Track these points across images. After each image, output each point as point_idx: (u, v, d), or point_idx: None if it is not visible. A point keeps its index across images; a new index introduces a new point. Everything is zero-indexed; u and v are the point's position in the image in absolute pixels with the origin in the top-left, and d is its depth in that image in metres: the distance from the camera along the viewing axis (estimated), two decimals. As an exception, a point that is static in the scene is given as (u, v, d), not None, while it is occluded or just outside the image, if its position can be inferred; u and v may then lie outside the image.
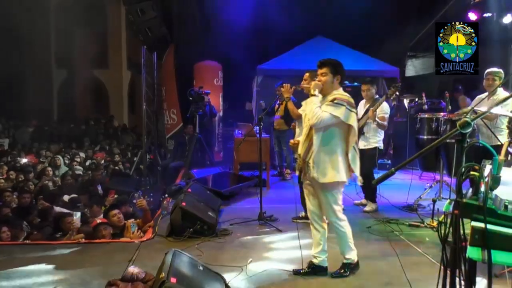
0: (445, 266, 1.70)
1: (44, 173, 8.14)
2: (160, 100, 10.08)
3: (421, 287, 3.18)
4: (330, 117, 3.25)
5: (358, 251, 4.14)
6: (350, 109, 3.30)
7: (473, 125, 1.65)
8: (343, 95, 3.35)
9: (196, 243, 4.32)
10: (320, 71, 3.41)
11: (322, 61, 3.45)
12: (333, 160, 3.32)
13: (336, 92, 3.37)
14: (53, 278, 3.54)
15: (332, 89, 3.39)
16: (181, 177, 7.34)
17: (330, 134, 3.33)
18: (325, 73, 3.38)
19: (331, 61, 3.43)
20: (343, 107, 3.26)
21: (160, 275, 2.68)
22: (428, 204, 5.48)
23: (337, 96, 3.32)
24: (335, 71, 3.39)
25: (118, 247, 4.31)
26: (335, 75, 3.38)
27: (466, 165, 1.54)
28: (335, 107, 3.26)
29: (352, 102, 3.36)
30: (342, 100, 3.29)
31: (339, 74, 3.41)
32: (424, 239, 4.43)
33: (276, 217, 5.13)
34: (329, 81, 3.37)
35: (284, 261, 3.87)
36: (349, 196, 6.06)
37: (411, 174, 6.12)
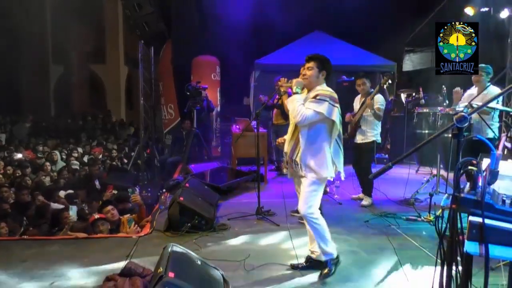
0: (442, 259, 1.71)
1: (41, 169, 8.13)
2: (157, 95, 10.07)
3: (418, 281, 3.20)
4: (313, 113, 3.23)
5: (355, 245, 4.18)
6: (334, 104, 3.28)
7: (469, 119, 1.65)
8: (325, 90, 3.33)
9: (194, 238, 4.33)
10: (306, 65, 3.39)
11: (310, 56, 3.43)
12: (320, 157, 3.31)
13: (320, 88, 3.35)
14: (51, 274, 3.53)
15: (317, 84, 3.37)
16: (179, 172, 7.34)
17: (316, 130, 3.32)
18: (311, 67, 3.36)
19: (319, 56, 3.41)
20: (326, 103, 3.24)
21: (158, 269, 2.68)
22: (425, 199, 5.50)
23: (319, 92, 3.30)
24: (322, 66, 3.37)
25: (116, 242, 4.31)
26: (321, 70, 3.37)
27: (463, 159, 1.55)
28: (318, 103, 3.24)
29: (335, 97, 3.33)
30: (324, 96, 3.27)
31: (325, 70, 3.39)
32: (421, 233, 4.45)
33: (274, 212, 5.14)
34: (314, 75, 3.36)
35: (282, 256, 3.88)
36: (346, 191, 6.08)
37: (408, 168, 6.14)
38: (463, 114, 1.61)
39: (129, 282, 2.92)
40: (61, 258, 3.90)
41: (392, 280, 3.37)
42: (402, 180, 5.95)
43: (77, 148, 10.32)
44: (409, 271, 3.38)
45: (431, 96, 7.87)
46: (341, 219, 4.98)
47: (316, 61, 3.37)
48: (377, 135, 5.49)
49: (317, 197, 3.39)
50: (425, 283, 3.21)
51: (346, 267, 3.66)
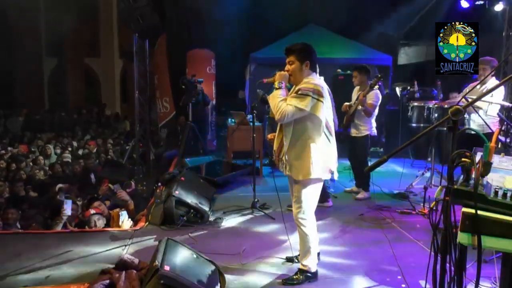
0: (436, 252, 1.72)
1: (35, 162, 8.08)
2: (152, 88, 9.99)
3: (412, 273, 3.23)
4: (295, 110, 2.98)
5: (350, 238, 4.20)
6: (317, 98, 3.01)
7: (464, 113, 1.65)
8: (309, 83, 3.05)
9: (190, 231, 4.34)
10: (287, 59, 3.15)
11: (288, 47, 3.16)
12: (305, 156, 3.08)
13: (305, 80, 3.08)
14: (46, 267, 3.53)
15: (302, 76, 3.11)
16: (175, 166, 7.32)
17: (301, 127, 3.09)
18: (292, 61, 3.11)
19: (297, 46, 3.13)
20: (308, 98, 2.98)
21: (154, 263, 2.68)
22: (419, 192, 5.53)
23: (302, 86, 3.05)
24: (302, 57, 3.09)
25: (111, 236, 4.31)
26: (303, 61, 3.09)
27: (457, 152, 1.56)
28: (300, 99, 2.99)
29: (319, 89, 3.03)
30: (307, 89, 3.00)
31: (308, 60, 3.10)
32: (416, 226, 4.48)
33: (269, 205, 5.15)
34: (296, 69, 3.11)
35: (277, 249, 3.90)
36: (342, 184, 6.10)
37: (403, 162, 6.17)
38: (458, 107, 1.62)
39: (124, 275, 2.92)
40: (57, 251, 3.89)
41: (386, 273, 3.39)
42: (397, 173, 5.98)
43: (72, 142, 10.27)
44: (403, 264, 3.41)
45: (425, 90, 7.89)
46: (336, 212, 5.00)
47: (295, 53, 3.11)
48: (371, 128, 5.49)
49: (310, 200, 3.18)
50: (419, 275, 3.24)
51: (341, 260, 3.69)
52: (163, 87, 9.94)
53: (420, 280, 3.16)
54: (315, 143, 3.10)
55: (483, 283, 2.89)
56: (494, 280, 2.84)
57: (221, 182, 6.18)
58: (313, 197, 3.20)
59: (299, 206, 3.18)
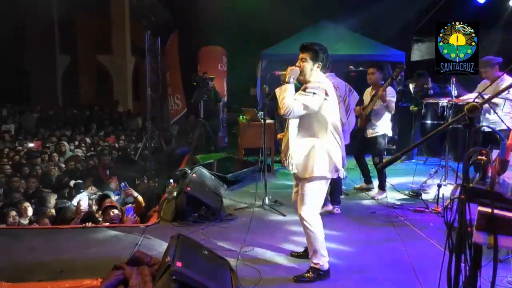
0: (451, 250, 1.70)
1: (50, 159, 8.19)
2: (164, 85, 10.05)
3: (425, 272, 3.19)
4: (300, 106, 2.99)
5: (362, 236, 4.18)
6: (324, 96, 3.04)
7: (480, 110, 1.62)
8: (316, 82, 3.08)
9: (201, 227, 4.35)
10: (301, 56, 3.16)
11: (304, 45, 3.17)
12: (310, 154, 3.08)
13: (313, 80, 3.11)
14: (60, 262, 3.58)
15: (312, 76, 3.13)
16: (186, 162, 7.36)
17: (307, 126, 3.10)
18: (305, 59, 3.13)
19: (314, 46, 3.15)
20: (315, 95, 3.01)
21: (166, 259, 2.70)
22: (432, 189, 5.46)
23: (308, 84, 3.08)
24: (316, 57, 3.11)
25: (123, 232, 4.34)
26: (315, 62, 3.11)
27: (472, 149, 1.53)
28: (306, 96, 3.01)
29: (326, 88, 3.07)
30: (313, 87, 3.03)
31: (320, 61, 3.13)
32: (429, 224, 4.43)
33: (280, 202, 5.14)
34: (308, 67, 3.12)
35: (290, 246, 3.89)
36: (353, 181, 6.06)
37: (416, 159, 6.10)
38: (474, 104, 1.59)
39: (136, 270, 2.94)
40: (70, 246, 3.95)
41: (399, 272, 3.36)
42: (410, 171, 5.91)
43: (85, 138, 10.38)
44: (417, 263, 3.37)
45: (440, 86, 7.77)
46: (347, 210, 4.97)
47: (311, 52, 3.13)
48: (388, 128, 5.42)
49: (315, 199, 3.17)
50: (432, 274, 3.20)
51: (353, 258, 3.67)
52: (175, 84, 9.99)
53: (434, 279, 3.12)
54: (320, 142, 3.10)
55: (498, 283, 2.84)
56: (509, 281, 2.79)
57: (233, 179, 6.19)
58: (318, 195, 3.20)
59: (304, 204, 3.18)
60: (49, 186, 6.64)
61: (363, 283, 3.24)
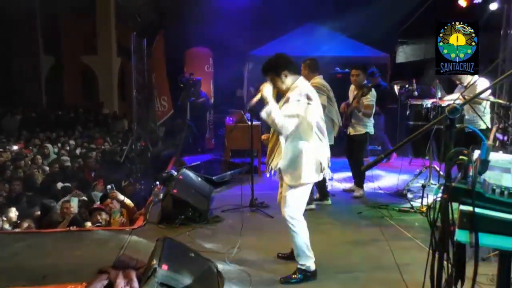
0: (434, 250, 1.72)
1: (33, 162, 8.07)
2: (150, 87, 9.98)
3: (410, 271, 3.22)
4: (293, 119, 3.03)
5: (349, 236, 4.21)
6: (307, 101, 3.07)
7: (461, 111, 1.65)
8: (296, 89, 3.11)
9: (188, 230, 4.33)
10: (267, 79, 3.23)
11: (262, 69, 3.26)
12: (298, 162, 3.11)
13: (293, 86, 3.15)
14: (43, 267, 3.52)
15: (287, 86, 3.17)
16: (173, 164, 7.32)
17: (294, 131, 3.10)
18: (271, 78, 3.19)
19: (269, 64, 3.23)
20: (299, 102, 3.04)
21: (152, 262, 2.68)
22: (417, 190, 5.53)
23: (290, 93, 3.10)
24: (278, 71, 3.16)
25: (109, 235, 4.30)
26: (280, 74, 3.15)
27: (454, 150, 1.56)
28: (292, 106, 3.04)
29: (307, 92, 3.10)
30: (295, 96, 3.06)
31: (284, 69, 3.15)
32: (414, 224, 4.48)
33: (267, 204, 5.14)
34: (279, 82, 3.17)
35: (277, 248, 3.89)
36: (340, 182, 6.10)
37: (401, 160, 6.17)
38: (454, 106, 1.61)
39: (122, 274, 2.91)
40: (54, 251, 3.89)
41: (385, 271, 3.39)
42: (395, 172, 5.98)
43: (69, 140, 10.25)
44: (402, 262, 3.41)
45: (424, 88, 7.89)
46: (334, 211, 5.00)
47: (270, 71, 3.20)
48: (369, 127, 5.49)
49: (299, 201, 3.20)
50: (418, 273, 3.23)
51: (340, 259, 3.69)
52: (161, 85, 9.91)
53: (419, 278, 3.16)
54: (307, 147, 3.12)
55: (480, 280, 2.89)
56: (492, 278, 2.84)
57: (219, 181, 6.18)
58: (302, 197, 3.23)
59: (287, 206, 3.19)
60: (33, 190, 6.53)
61: (350, 283, 3.26)
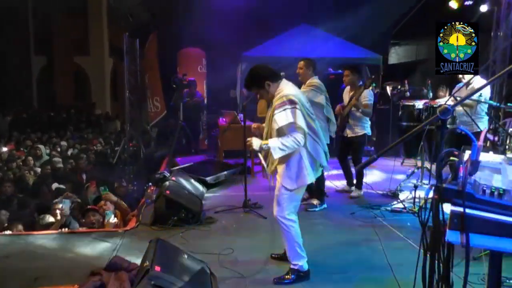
0: (425, 250, 1.74)
1: (25, 163, 7.99)
2: (143, 87, 9.94)
3: (402, 271, 3.24)
4: (289, 128, 3.03)
5: (342, 236, 4.22)
6: (293, 106, 3.07)
7: (452, 112, 1.67)
8: (280, 98, 3.12)
9: (181, 231, 4.32)
10: (254, 92, 3.32)
11: (245, 86, 3.37)
12: (292, 167, 3.13)
13: (277, 94, 3.17)
14: (35, 269, 3.49)
15: (273, 93, 3.20)
16: (165, 166, 7.29)
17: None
18: (256, 91, 3.27)
19: (251, 79, 3.26)
20: (285, 111, 3.05)
21: (144, 263, 2.66)
22: (410, 190, 5.57)
23: (276, 104, 3.11)
24: (260, 83, 3.20)
25: (102, 237, 4.27)
26: (263, 85, 3.19)
27: (445, 150, 1.57)
28: (281, 114, 3.04)
29: (291, 98, 3.09)
30: (281, 105, 3.07)
31: (266, 80, 3.19)
32: (406, 224, 4.51)
33: (261, 204, 5.14)
34: (264, 93, 3.23)
35: (270, 248, 3.89)
36: (333, 183, 6.12)
37: (394, 160, 6.20)
38: (446, 107, 1.63)
39: (114, 276, 2.90)
40: (46, 253, 3.86)
41: (378, 271, 3.41)
42: (388, 172, 6.01)
43: (61, 142, 10.17)
44: (394, 262, 3.43)
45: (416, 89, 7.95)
46: (327, 211, 5.02)
47: (254, 85, 3.25)
48: (367, 127, 5.51)
49: (291, 201, 3.21)
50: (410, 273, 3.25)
51: (333, 259, 3.70)
52: (154, 86, 9.89)
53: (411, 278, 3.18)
54: (302, 152, 3.13)
55: (472, 280, 2.92)
56: (483, 278, 2.87)
57: (213, 182, 6.17)
58: (295, 198, 3.24)
59: (280, 206, 3.19)
60: (25, 191, 6.47)
61: (343, 283, 3.27)
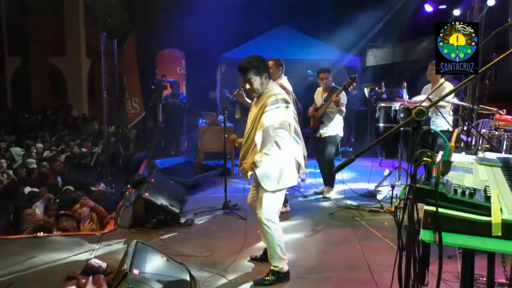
0: (401, 249, 1.77)
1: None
2: (121, 88, 9.81)
3: (380, 270, 3.30)
4: (284, 129, 3.06)
5: (321, 237, 4.26)
6: (286, 105, 3.10)
7: (427, 113, 1.71)
8: (272, 95, 3.11)
9: (160, 233, 4.28)
10: (244, 78, 3.19)
11: (242, 66, 3.18)
12: (277, 167, 3.11)
13: (267, 91, 3.16)
14: (9, 274, 3.40)
15: (264, 87, 3.18)
16: (144, 167, 7.21)
17: (270, 137, 3.09)
18: (251, 79, 3.15)
19: (253, 63, 3.16)
20: (278, 109, 3.06)
21: (122, 267, 2.63)
22: (387, 190, 5.66)
23: (268, 101, 3.09)
24: (259, 70, 3.15)
25: (78, 240, 4.19)
26: (262, 75, 3.15)
27: (419, 151, 1.61)
28: (274, 111, 3.05)
29: (284, 97, 3.12)
30: (274, 102, 3.07)
31: (265, 72, 3.18)
32: (384, 224, 4.59)
33: (240, 206, 5.14)
34: (257, 83, 3.16)
35: (250, 250, 3.90)
36: (312, 184, 6.17)
37: (372, 161, 6.30)
38: (421, 108, 1.67)
39: (91, 280, 2.85)
40: (21, 257, 3.75)
41: (356, 271, 3.45)
42: (366, 173, 6.10)
43: (36, 144, 9.93)
44: (372, 262, 3.48)
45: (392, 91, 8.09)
46: (306, 212, 5.06)
47: (253, 70, 3.14)
48: (340, 129, 5.60)
49: (274, 203, 3.21)
50: (387, 273, 3.31)
51: (312, 259, 3.73)
52: (132, 87, 9.77)
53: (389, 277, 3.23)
54: (285, 152, 3.12)
55: (447, 278, 2.99)
56: (457, 275, 2.94)
57: (192, 183, 6.13)
58: (278, 201, 3.26)
59: (264, 209, 3.19)
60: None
61: (322, 283, 3.31)
